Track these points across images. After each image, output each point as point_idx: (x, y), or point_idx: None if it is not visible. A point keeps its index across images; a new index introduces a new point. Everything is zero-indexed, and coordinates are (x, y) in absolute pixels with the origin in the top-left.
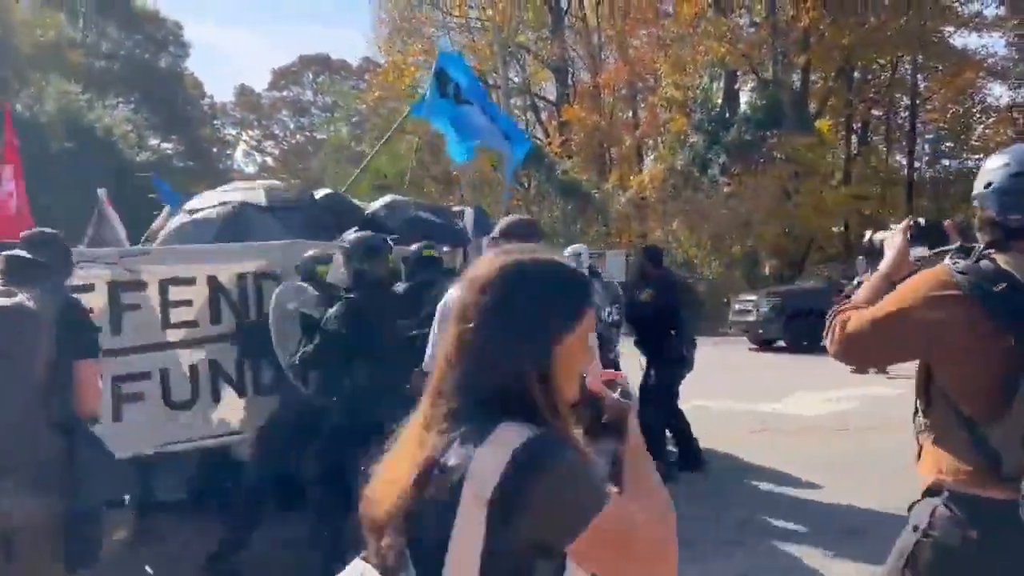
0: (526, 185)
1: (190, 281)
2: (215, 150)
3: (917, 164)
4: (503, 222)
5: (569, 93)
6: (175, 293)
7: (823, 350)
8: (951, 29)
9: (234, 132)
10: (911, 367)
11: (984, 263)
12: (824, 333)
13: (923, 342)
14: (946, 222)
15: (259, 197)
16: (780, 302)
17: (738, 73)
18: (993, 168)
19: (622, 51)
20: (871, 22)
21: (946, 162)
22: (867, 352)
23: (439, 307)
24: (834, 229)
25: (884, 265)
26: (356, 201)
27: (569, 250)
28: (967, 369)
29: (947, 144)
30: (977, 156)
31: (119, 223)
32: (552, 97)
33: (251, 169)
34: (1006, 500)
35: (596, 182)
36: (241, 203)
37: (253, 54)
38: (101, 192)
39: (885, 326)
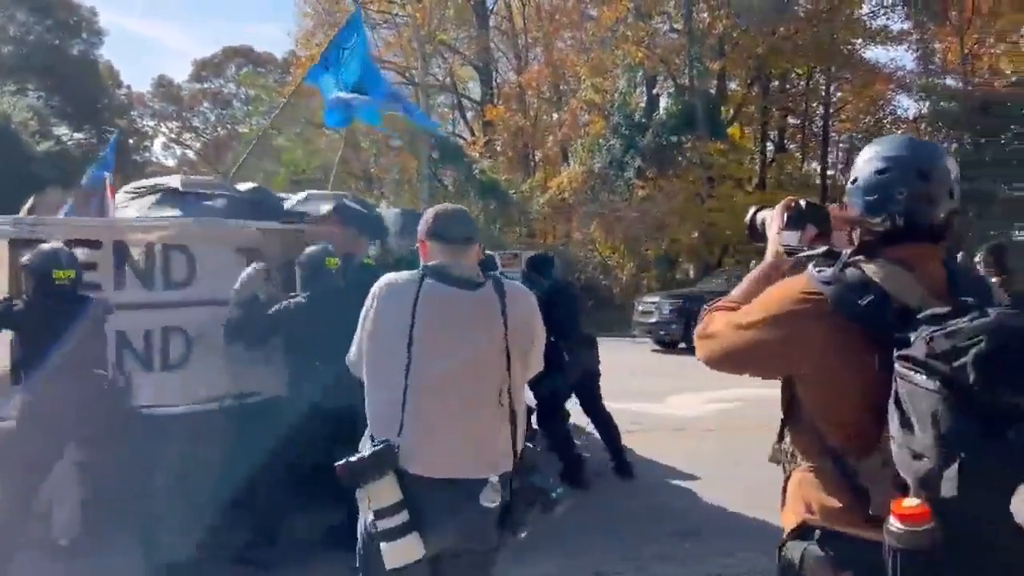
0: (445, 183)
1: (96, 244)
2: (131, 141)
3: (832, 172)
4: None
5: (494, 93)
6: (81, 255)
7: None
8: (860, 42)
9: (152, 124)
10: None
11: (851, 271)
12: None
13: (785, 360)
14: (832, 206)
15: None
16: (681, 304)
17: (658, 78)
18: (861, 162)
19: (548, 53)
20: (780, 32)
21: None
22: (725, 359)
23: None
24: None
25: (769, 251)
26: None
27: None
28: (833, 394)
29: (858, 152)
30: None
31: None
32: (478, 97)
33: (170, 162)
34: (877, 541)
35: (515, 182)
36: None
37: (177, 46)
38: (107, 176)
39: (746, 336)
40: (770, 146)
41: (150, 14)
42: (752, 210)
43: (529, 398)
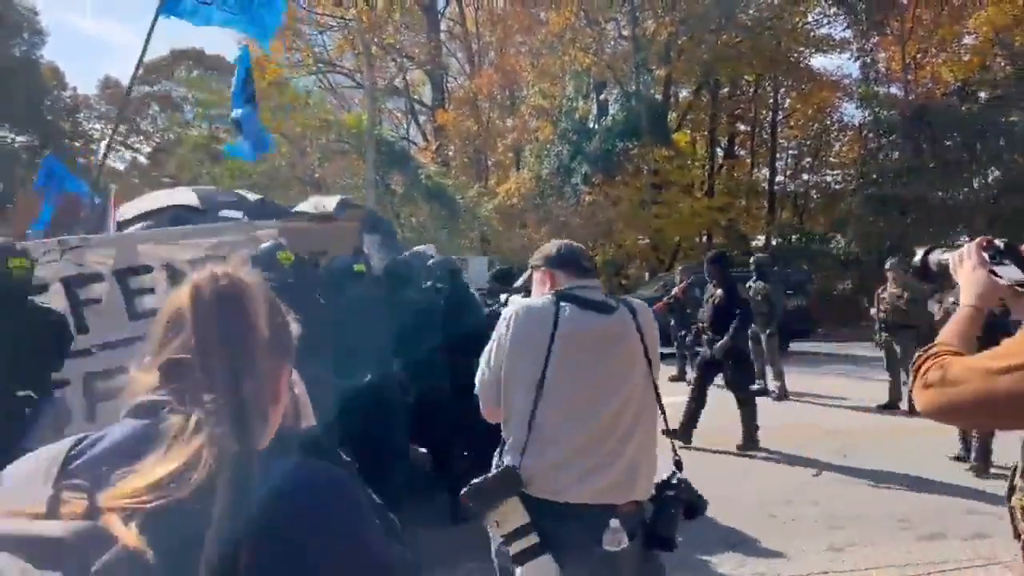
0: (393, 188)
1: (147, 269)
2: (78, 144)
3: (780, 178)
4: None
5: (445, 98)
6: (134, 283)
7: (665, 357)
8: (803, 50)
9: (99, 127)
10: None
11: None
12: (911, 377)
13: None
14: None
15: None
16: None
17: (606, 84)
18: None
19: (500, 58)
20: (724, 39)
21: (806, 176)
22: (975, 410)
23: None
24: (697, 239)
25: (970, 293)
26: None
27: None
28: None
29: (807, 159)
30: (835, 172)
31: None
32: (430, 101)
33: (119, 165)
34: None
35: (461, 187)
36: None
37: (124, 46)
38: (112, 188)
39: (1007, 382)
40: (720, 152)
41: (98, 14)
42: (920, 252)
43: None
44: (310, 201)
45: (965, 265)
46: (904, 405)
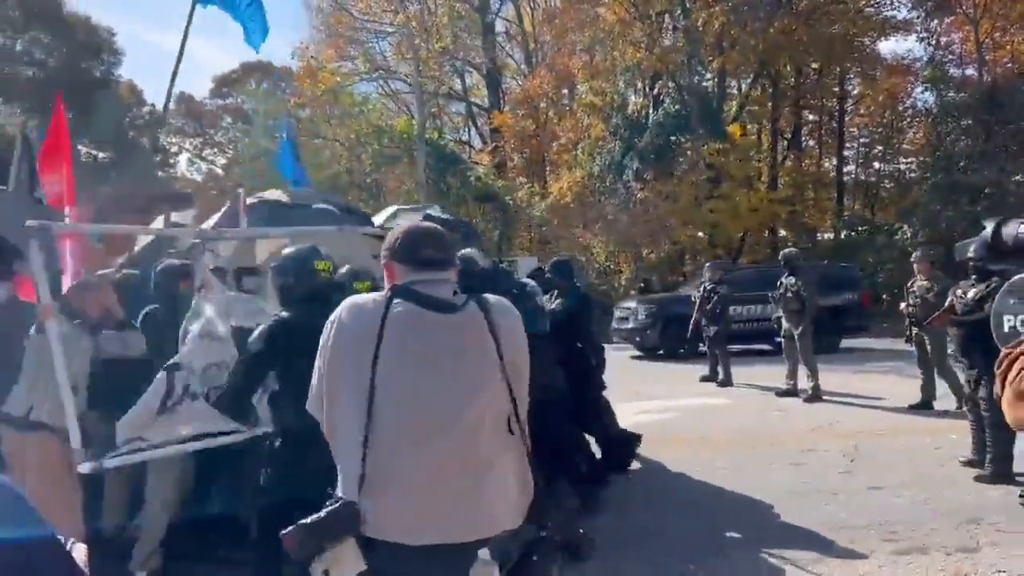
0: (445, 189)
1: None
2: (157, 159)
3: (850, 167)
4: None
5: (501, 100)
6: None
7: (698, 356)
8: (868, 35)
9: (176, 140)
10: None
11: None
12: (997, 381)
13: None
14: None
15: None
16: (656, 309)
17: (660, 78)
18: None
19: (552, 57)
20: (776, 27)
21: (877, 165)
22: None
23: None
24: (765, 233)
25: None
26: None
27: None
28: None
29: (878, 148)
30: (908, 160)
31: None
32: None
33: (197, 177)
34: None
35: (513, 188)
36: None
37: (199, 61)
38: (239, 191)
39: None
40: (784, 143)
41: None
42: (991, 225)
43: None
44: (394, 213)
45: None
46: (938, 405)
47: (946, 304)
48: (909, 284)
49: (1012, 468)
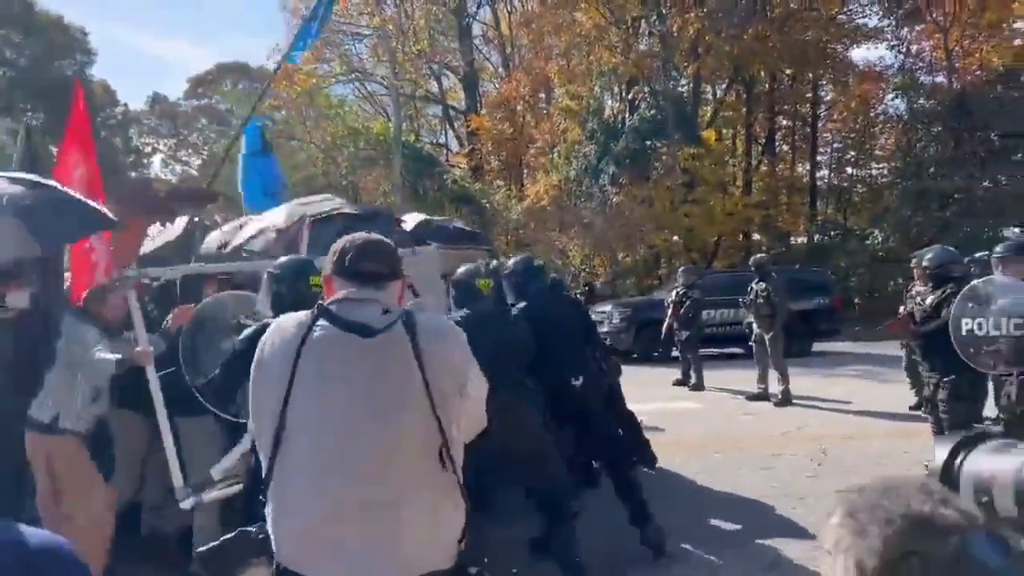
0: (421, 192)
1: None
2: (131, 159)
3: (823, 172)
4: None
5: (478, 103)
6: None
7: (671, 360)
8: (839, 43)
9: (151, 141)
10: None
11: None
12: None
13: None
14: None
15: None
16: (630, 313)
17: (636, 83)
18: None
19: (532, 61)
20: (750, 33)
21: (850, 170)
22: None
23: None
24: (739, 237)
25: None
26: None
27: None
28: None
29: (851, 153)
30: (880, 165)
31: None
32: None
33: (171, 179)
34: None
35: (489, 191)
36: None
37: (174, 61)
38: (306, 217)
39: None
40: (758, 148)
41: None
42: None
43: None
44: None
45: None
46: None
47: (905, 310)
48: (908, 289)
49: None
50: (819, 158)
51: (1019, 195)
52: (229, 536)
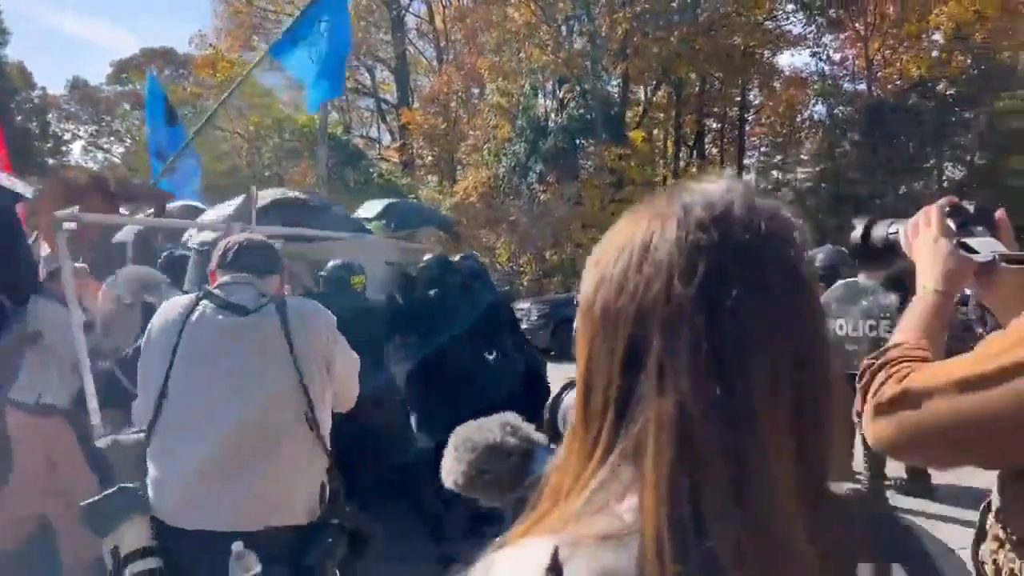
0: (347, 185)
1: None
2: (48, 146)
3: (751, 175)
4: (226, 250)
5: (410, 96)
6: None
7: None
8: (765, 48)
9: (69, 128)
10: None
11: None
12: (859, 397)
13: None
14: (998, 212)
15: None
16: (548, 310)
17: (566, 82)
18: None
19: (463, 55)
20: (677, 36)
21: (776, 174)
22: (938, 440)
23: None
24: None
25: (934, 273)
26: None
27: None
28: None
29: (778, 157)
30: (805, 170)
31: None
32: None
33: (93, 166)
34: None
35: (414, 187)
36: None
37: (91, 44)
38: (252, 190)
39: (989, 399)
40: (687, 150)
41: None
42: (860, 226)
43: None
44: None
45: (923, 236)
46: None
47: None
48: None
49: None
50: (747, 161)
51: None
52: (110, 492)
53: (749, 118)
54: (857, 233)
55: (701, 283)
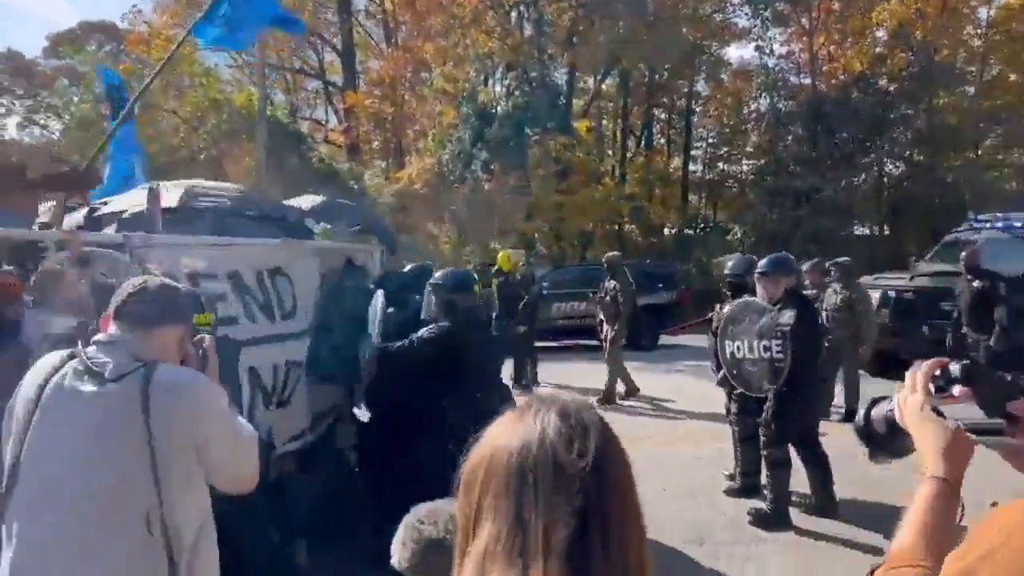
0: (285, 169)
1: (214, 276)
2: None
3: (697, 166)
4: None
5: (356, 79)
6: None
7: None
8: (711, 41)
9: (3, 102)
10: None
11: None
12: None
13: None
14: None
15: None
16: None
17: (513, 69)
18: None
19: (413, 40)
20: (623, 26)
21: (722, 165)
22: None
23: None
24: (606, 227)
25: (932, 454)
26: None
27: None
28: None
29: (724, 149)
30: (749, 162)
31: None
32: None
33: (30, 142)
34: None
35: (356, 172)
36: None
37: (30, 14)
38: (155, 186)
39: None
40: (634, 141)
41: None
42: (862, 411)
43: None
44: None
45: (910, 404)
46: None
47: (709, 317)
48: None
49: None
50: (693, 152)
51: (867, 196)
52: None
53: (697, 109)
54: (860, 417)
55: None
